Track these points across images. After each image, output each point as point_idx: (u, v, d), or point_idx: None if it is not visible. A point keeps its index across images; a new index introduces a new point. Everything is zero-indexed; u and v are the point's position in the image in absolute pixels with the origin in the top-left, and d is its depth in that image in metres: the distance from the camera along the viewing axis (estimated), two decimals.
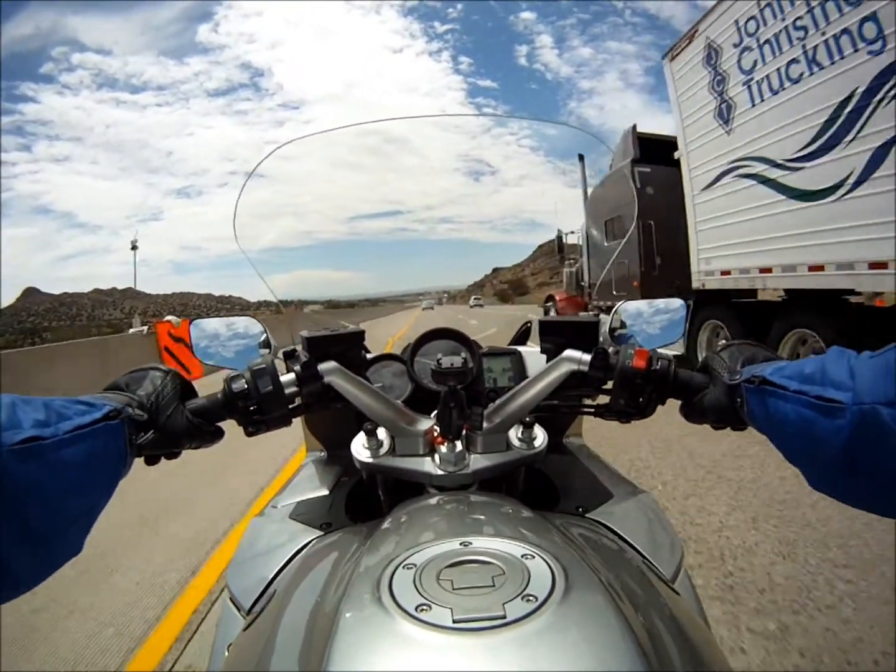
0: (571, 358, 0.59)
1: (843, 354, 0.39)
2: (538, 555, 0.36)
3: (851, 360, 0.38)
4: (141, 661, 1.52)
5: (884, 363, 0.35)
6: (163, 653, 1.55)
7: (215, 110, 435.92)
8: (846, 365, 0.37)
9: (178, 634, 1.63)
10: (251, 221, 0.76)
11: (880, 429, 0.33)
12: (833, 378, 0.37)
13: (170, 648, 1.57)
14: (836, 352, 0.40)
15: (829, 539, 1.91)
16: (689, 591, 0.58)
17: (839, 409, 0.35)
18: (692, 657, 0.35)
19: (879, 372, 0.34)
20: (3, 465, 0.30)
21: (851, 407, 0.35)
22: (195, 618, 1.71)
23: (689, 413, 0.56)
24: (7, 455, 0.31)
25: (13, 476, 0.31)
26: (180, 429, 0.50)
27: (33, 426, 0.33)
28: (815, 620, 1.48)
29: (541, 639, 0.28)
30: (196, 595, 1.85)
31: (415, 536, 0.42)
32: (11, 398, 0.34)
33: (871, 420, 0.33)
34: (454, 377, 0.58)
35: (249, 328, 0.71)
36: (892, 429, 0.32)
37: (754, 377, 0.46)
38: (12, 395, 0.35)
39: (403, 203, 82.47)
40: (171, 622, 1.70)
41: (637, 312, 0.72)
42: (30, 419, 0.34)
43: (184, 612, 1.75)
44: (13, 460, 0.31)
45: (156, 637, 1.63)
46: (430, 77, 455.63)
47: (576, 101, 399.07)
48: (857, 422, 0.34)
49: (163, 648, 1.57)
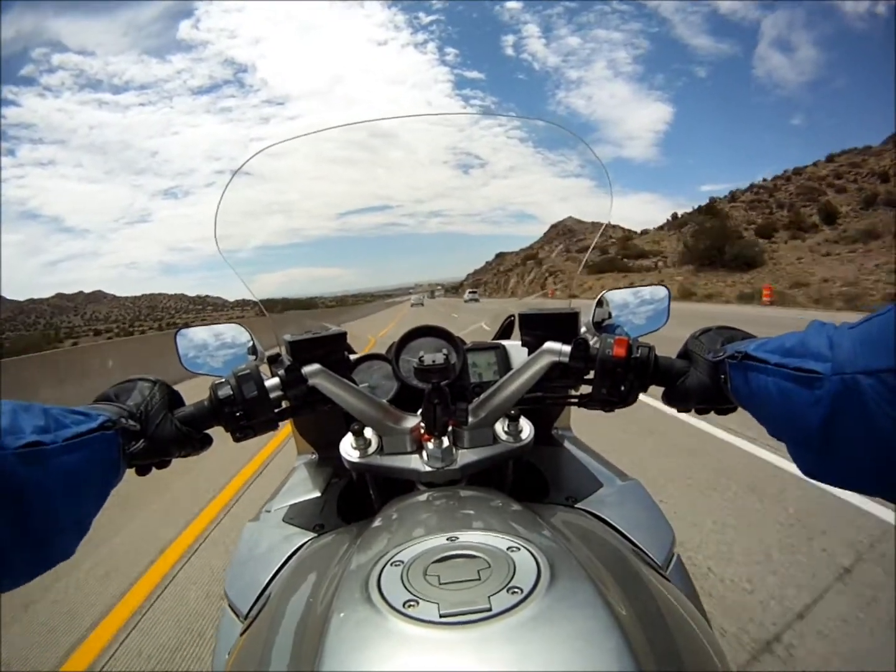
0: (552, 350, 0.60)
1: (822, 327, 0.39)
2: (524, 547, 0.37)
3: (831, 331, 0.38)
4: None
5: (862, 333, 0.35)
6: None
7: (200, 108, 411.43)
8: (826, 336, 0.37)
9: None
10: (240, 220, 0.75)
11: (859, 398, 0.33)
12: (813, 350, 0.37)
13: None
14: (817, 325, 0.40)
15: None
16: (682, 578, 0.58)
17: (818, 379, 0.35)
18: (683, 645, 0.35)
19: (858, 342, 0.34)
20: (7, 468, 0.31)
21: (831, 377, 0.35)
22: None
23: (672, 398, 0.56)
24: (11, 458, 0.32)
25: (16, 478, 0.32)
26: (169, 437, 0.51)
27: (34, 432, 0.34)
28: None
29: (527, 630, 0.29)
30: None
31: (403, 534, 0.43)
32: (11, 404, 0.35)
33: (850, 389, 0.33)
34: (437, 374, 0.58)
35: (236, 336, 0.71)
36: (871, 398, 0.32)
37: (737, 353, 0.46)
38: (11, 402, 0.35)
39: (392, 198, 76.68)
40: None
41: (621, 301, 0.73)
42: (31, 425, 0.34)
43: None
44: (16, 463, 0.32)
45: None
46: (416, 69, 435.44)
47: (564, 90, 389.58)
48: (837, 392, 0.34)
49: None
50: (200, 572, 2.00)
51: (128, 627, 1.70)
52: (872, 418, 0.32)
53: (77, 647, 1.63)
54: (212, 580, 1.93)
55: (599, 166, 0.81)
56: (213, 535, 2.31)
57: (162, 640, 1.62)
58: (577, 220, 7.66)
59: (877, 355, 0.32)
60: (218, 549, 2.17)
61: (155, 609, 1.79)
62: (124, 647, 1.60)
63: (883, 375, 0.31)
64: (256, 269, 0.78)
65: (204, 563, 2.07)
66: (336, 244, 3.53)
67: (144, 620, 1.73)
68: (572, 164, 2.16)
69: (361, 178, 3.25)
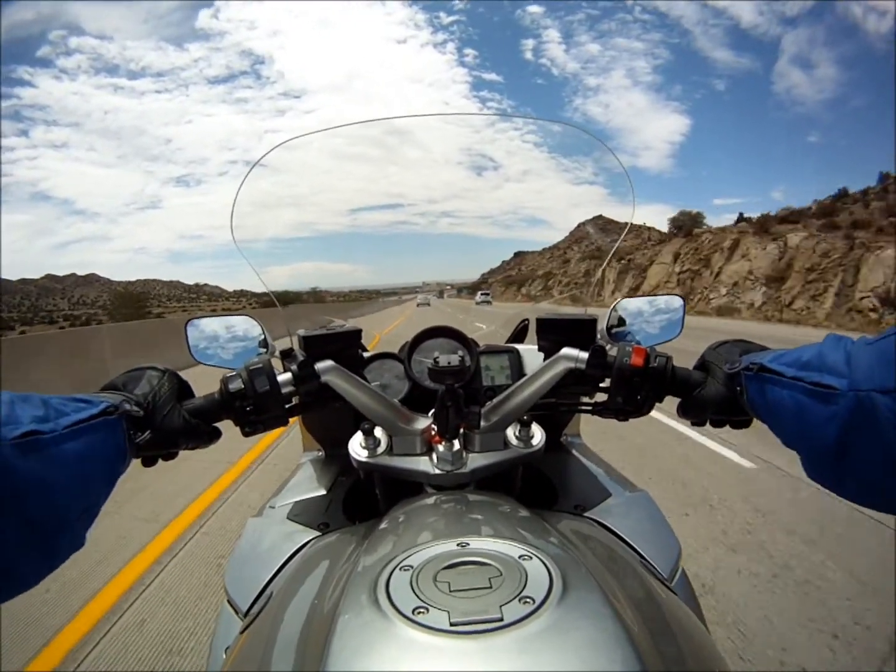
0: (569, 356, 0.59)
1: (839, 341, 0.39)
2: (535, 556, 0.36)
3: (848, 346, 0.37)
4: None
5: (880, 350, 0.34)
6: None
7: (215, 98, 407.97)
8: (843, 351, 0.37)
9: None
10: (255, 211, 0.74)
11: (874, 416, 0.32)
12: (830, 364, 0.37)
13: None
14: (833, 338, 0.40)
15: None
16: (687, 591, 0.58)
17: (834, 395, 0.35)
18: (689, 658, 0.35)
19: (876, 359, 0.34)
20: (5, 460, 0.31)
21: (847, 393, 0.34)
22: None
23: (687, 410, 0.56)
24: (8, 449, 0.31)
25: (14, 470, 0.31)
26: (177, 428, 0.50)
27: (32, 421, 0.34)
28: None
29: (538, 641, 0.28)
30: None
31: (412, 537, 0.42)
32: (9, 395, 0.34)
33: (866, 407, 0.33)
34: (451, 376, 0.57)
35: (248, 328, 0.70)
36: (886, 416, 0.32)
37: (752, 364, 0.46)
38: (9, 392, 0.35)
39: (405, 196, 76.33)
40: None
41: (636, 310, 0.72)
42: (28, 415, 0.34)
43: None
44: (14, 454, 0.31)
45: None
46: (434, 69, 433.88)
47: (581, 97, 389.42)
48: (852, 408, 0.34)
49: None
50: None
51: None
52: (886, 436, 0.32)
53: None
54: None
55: (620, 171, 0.79)
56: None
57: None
58: (607, 219, 7.05)
59: (893, 374, 0.32)
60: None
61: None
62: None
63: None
64: (269, 260, 0.78)
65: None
66: (347, 240, 3.51)
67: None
68: (587, 170, 2.11)
69: (375, 176, 3.21)
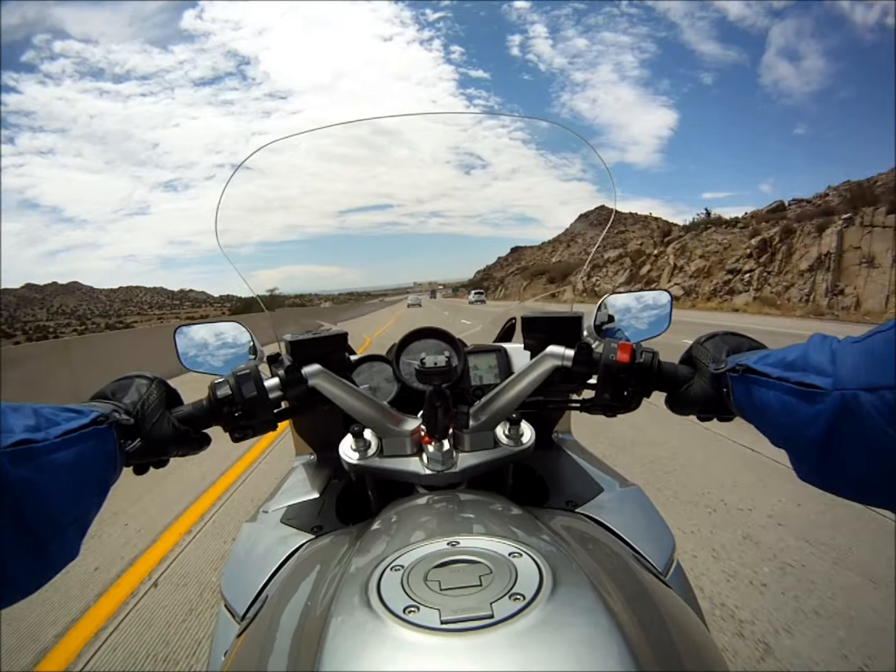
0: (554, 354, 0.59)
1: (824, 340, 0.39)
2: (525, 553, 0.36)
3: (833, 345, 0.38)
4: None
5: (865, 349, 0.35)
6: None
7: (201, 100, 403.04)
8: (828, 350, 0.37)
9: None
10: (240, 215, 0.73)
11: (859, 414, 0.33)
12: (815, 364, 0.37)
13: None
14: (818, 338, 0.40)
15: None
16: (682, 585, 0.58)
17: (819, 394, 0.35)
18: (683, 651, 0.35)
19: (860, 358, 0.34)
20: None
21: (832, 392, 0.35)
22: None
23: (674, 405, 0.56)
24: (1, 458, 0.31)
25: (7, 479, 0.31)
26: (167, 436, 0.50)
27: (24, 430, 0.34)
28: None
29: (529, 638, 0.28)
30: None
31: (403, 537, 0.43)
32: (1, 405, 0.34)
33: (850, 405, 0.33)
34: (438, 376, 0.57)
35: (236, 335, 0.70)
36: (870, 415, 0.32)
37: (738, 366, 0.46)
38: (1, 402, 0.35)
39: (394, 196, 78.77)
40: None
41: (624, 306, 0.73)
42: (21, 424, 0.34)
43: None
44: (7, 463, 0.31)
45: None
46: (420, 66, 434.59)
47: (569, 93, 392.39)
48: (837, 407, 0.34)
49: None
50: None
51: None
52: (872, 434, 0.32)
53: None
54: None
55: (603, 168, 0.81)
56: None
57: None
58: (609, 210, 6.63)
59: (878, 372, 0.32)
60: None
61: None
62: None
63: (883, 392, 0.31)
64: (256, 265, 0.77)
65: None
66: (335, 242, 3.48)
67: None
68: (575, 167, 2.11)
69: (363, 177, 3.24)
